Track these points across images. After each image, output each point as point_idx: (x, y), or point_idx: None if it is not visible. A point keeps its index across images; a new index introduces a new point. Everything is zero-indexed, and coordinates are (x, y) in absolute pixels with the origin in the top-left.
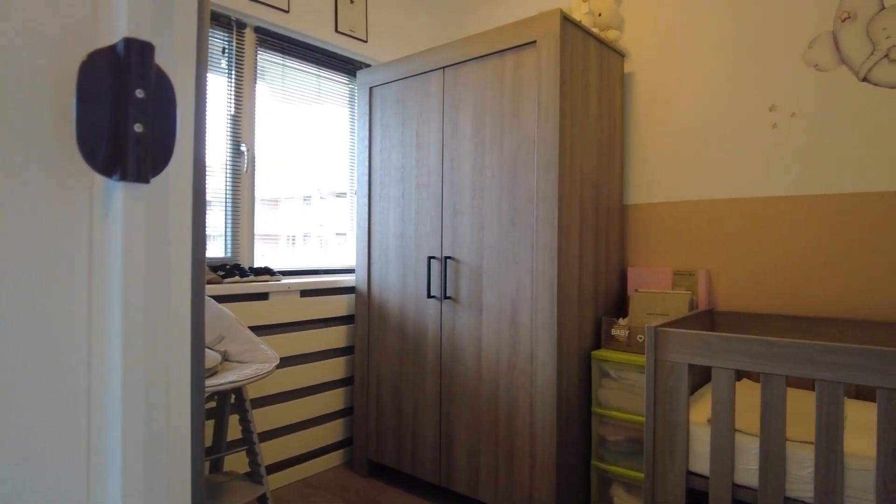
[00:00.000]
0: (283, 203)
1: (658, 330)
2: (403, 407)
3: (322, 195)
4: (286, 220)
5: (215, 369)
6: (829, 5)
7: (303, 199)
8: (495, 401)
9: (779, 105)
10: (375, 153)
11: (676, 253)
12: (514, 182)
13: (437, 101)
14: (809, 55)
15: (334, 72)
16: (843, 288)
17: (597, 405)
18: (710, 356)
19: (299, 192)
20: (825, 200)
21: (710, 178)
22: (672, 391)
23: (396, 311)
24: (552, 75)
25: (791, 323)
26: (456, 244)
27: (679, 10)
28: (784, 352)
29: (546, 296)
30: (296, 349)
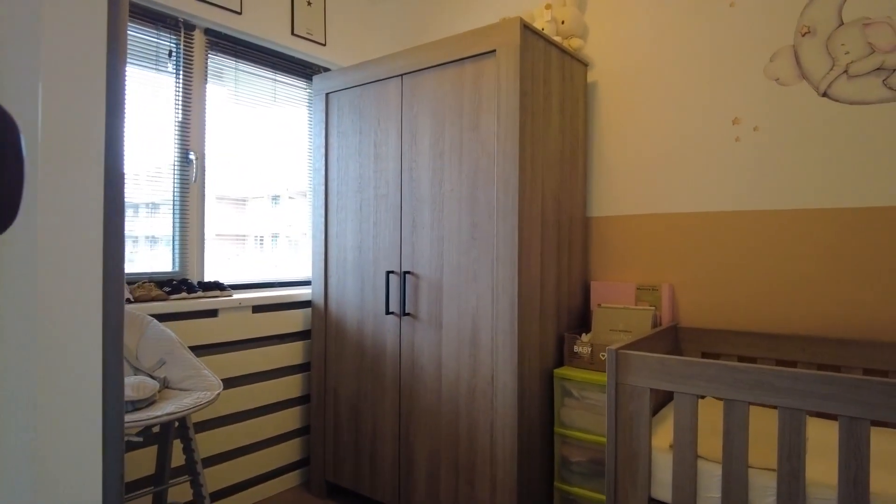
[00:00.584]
0: (245, 204)
1: (619, 352)
2: (362, 427)
3: (291, 195)
4: (247, 222)
5: (153, 398)
6: (789, 19)
7: (272, 199)
8: (455, 422)
9: (742, 118)
10: (332, 161)
11: (640, 267)
12: (473, 196)
13: (396, 110)
14: (771, 69)
15: (291, 76)
16: (805, 304)
17: (559, 425)
18: (672, 381)
19: (258, 193)
20: (788, 215)
21: (673, 191)
22: (634, 415)
23: (354, 326)
24: (512, 86)
25: (754, 340)
26: (415, 259)
27: (643, 20)
28: (746, 377)
29: (506, 314)
30: (248, 367)
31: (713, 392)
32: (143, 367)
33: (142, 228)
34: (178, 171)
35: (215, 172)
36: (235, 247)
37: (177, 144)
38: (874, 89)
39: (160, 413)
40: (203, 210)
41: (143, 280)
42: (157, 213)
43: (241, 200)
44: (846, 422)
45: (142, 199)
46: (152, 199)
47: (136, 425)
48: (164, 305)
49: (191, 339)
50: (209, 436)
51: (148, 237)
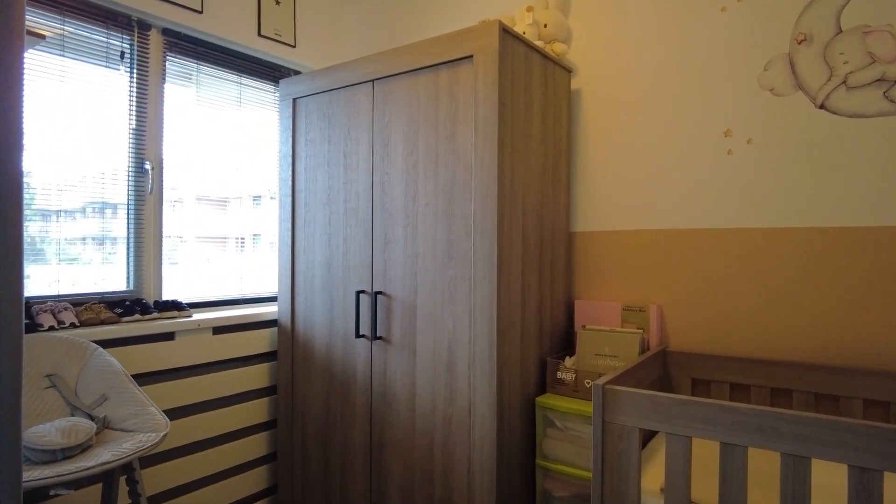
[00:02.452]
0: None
1: (606, 388)
2: (331, 456)
3: (269, 195)
4: (210, 226)
5: (88, 443)
6: (785, 25)
7: (253, 199)
8: (430, 454)
9: (734, 130)
10: (300, 171)
11: (626, 286)
12: (450, 211)
13: (367, 118)
14: (765, 78)
15: (258, 79)
16: (802, 329)
17: (541, 457)
18: (664, 421)
19: (220, 196)
20: (783, 234)
21: (662, 205)
22: (622, 456)
23: (323, 348)
24: (490, 95)
25: (747, 366)
26: (388, 278)
27: (630, 24)
28: (746, 420)
29: (485, 340)
30: (209, 393)
31: (709, 434)
32: (82, 405)
33: (91, 245)
34: (132, 182)
35: (173, 179)
36: (214, 248)
37: (131, 153)
38: (874, 102)
39: (91, 464)
40: (161, 223)
41: (92, 301)
42: (114, 218)
43: (223, 201)
44: (856, 473)
45: (90, 208)
46: (103, 209)
47: (60, 479)
48: (114, 330)
49: (144, 365)
50: (168, 467)
51: (100, 246)
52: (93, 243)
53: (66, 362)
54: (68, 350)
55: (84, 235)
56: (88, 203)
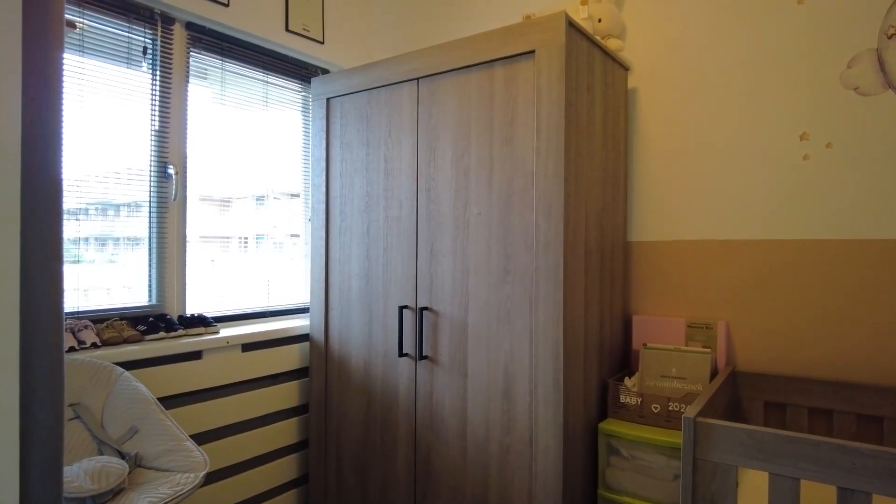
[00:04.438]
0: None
1: (698, 422)
2: (369, 485)
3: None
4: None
5: (121, 486)
6: (873, 18)
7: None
8: (484, 486)
9: (811, 133)
10: (334, 177)
11: (689, 300)
12: (507, 222)
13: (410, 119)
14: (849, 76)
15: (285, 77)
16: (886, 348)
17: (604, 488)
18: (768, 459)
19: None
20: (864, 245)
21: (729, 214)
22: (716, 497)
23: (361, 366)
24: (555, 94)
25: (828, 389)
26: (434, 293)
27: (692, 18)
28: (872, 464)
29: (549, 364)
30: (237, 415)
31: (822, 478)
32: (110, 440)
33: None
34: (154, 188)
35: (197, 181)
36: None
37: (153, 156)
38: None
39: None
40: (184, 234)
41: (113, 317)
42: (132, 244)
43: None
44: None
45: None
46: (126, 215)
47: None
48: (138, 350)
49: (170, 387)
50: (195, 497)
51: (118, 256)
52: (105, 248)
53: (90, 389)
54: (92, 375)
55: (100, 237)
56: (103, 204)
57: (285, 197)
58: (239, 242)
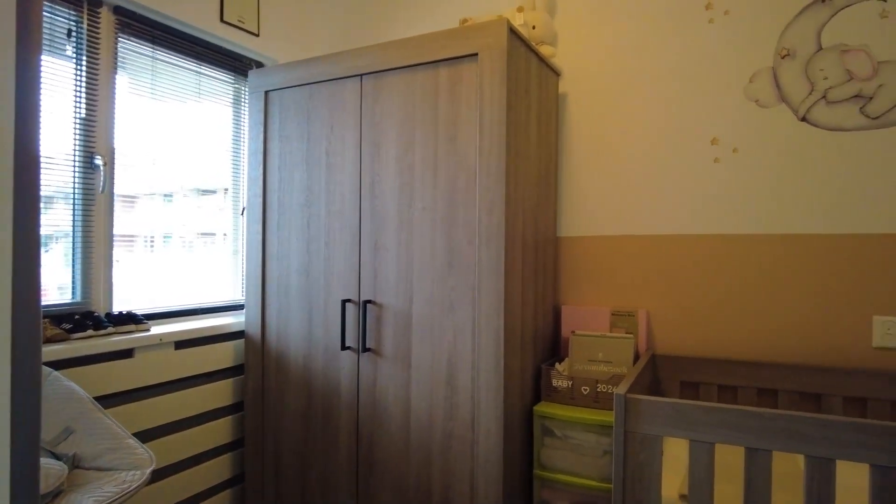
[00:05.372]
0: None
1: (628, 398)
2: (310, 480)
3: (205, 189)
4: (147, 220)
5: (59, 488)
6: (769, 40)
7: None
8: (427, 472)
9: (721, 139)
10: (272, 171)
11: (613, 291)
12: (451, 217)
13: (354, 115)
14: (751, 89)
15: (218, 68)
16: (785, 331)
17: (539, 467)
18: (689, 428)
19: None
20: (766, 240)
21: (649, 211)
22: (643, 466)
23: (300, 362)
24: (498, 96)
25: (733, 368)
26: (378, 286)
27: (617, 30)
28: (772, 424)
29: (491, 352)
30: (170, 415)
31: (734, 440)
32: (42, 442)
33: None
34: (79, 180)
35: (125, 175)
36: (125, 251)
37: (78, 146)
38: (852, 116)
39: None
40: (111, 225)
41: None
42: (53, 209)
43: (130, 198)
44: (878, 472)
45: None
46: (45, 207)
47: None
48: (64, 349)
49: (101, 387)
50: None
51: None
52: None
53: None
54: None
55: None
56: None
57: (215, 192)
58: (161, 239)
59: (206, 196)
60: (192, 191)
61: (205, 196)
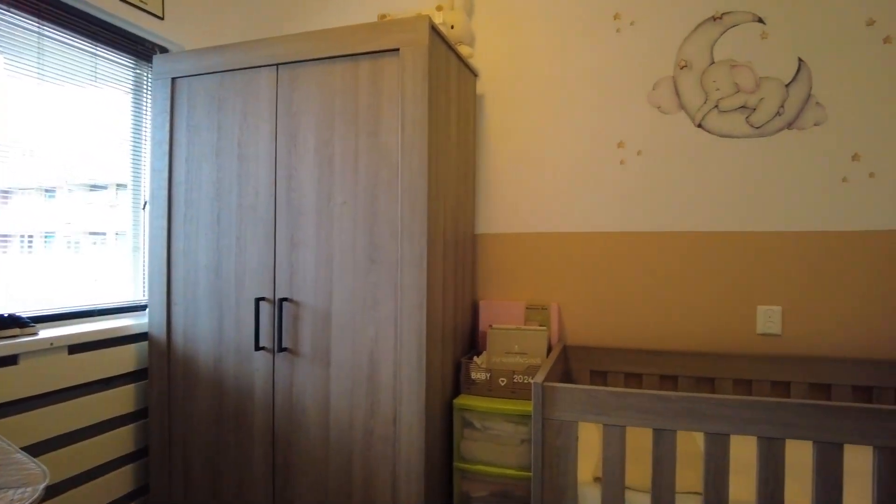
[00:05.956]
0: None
1: (545, 386)
2: (222, 487)
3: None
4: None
5: None
6: (670, 52)
7: (45, 192)
8: (348, 472)
9: (626, 142)
10: (179, 161)
11: (527, 286)
12: (372, 212)
13: (269, 106)
14: (654, 96)
15: (117, 50)
16: (683, 321)
17: (459, 459)
18: (602, 413)
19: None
20: (668, 237)
21: (560, 210)
22: (560, 451)
23: (210, 364)
24: (419, 91)
25: (638, 356)
26: (295, 283)
27: (531, 35)
28: (676, 406)
29: (413, 346)
30: (64, 426)
31: (643, 422)
32: None
33: None
34: None
35: None
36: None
37: None
38: (739, 125)
39: None
40: None
41: None
42: None
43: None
44: (765, 443)
45: None
46: None
47: None
48: None
49: None
50: None
51: None
52: None
53: None
54: None
55: None
56: None
57: (106, 187)
58: (41, 238)
59: (97, 192)
60: (79, 186)
61: (95, 192)
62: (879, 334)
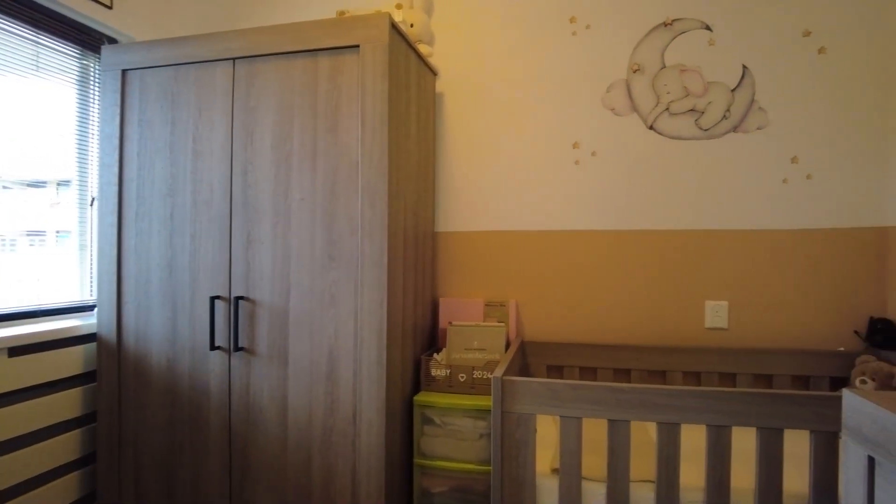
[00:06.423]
0: None
1: (504, 380)
2: (176, 490)
3: (6, 184)
4: None
5: None
6: (623, 55)
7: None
8: (307, 471)
9: (581, 143)
10: (130, 157)
11: (486, 283)
12: (331, 209)
13: (225, 100)
14: (608, 99)
15: (61, 39)
16: (636, 316)
17: (419, 456)
18: (559, 405)
19: None
20: (620, 235)
21: (518, 209)
22: (519, 443)
23: (163, 365)
24: (379, 89)
25: (594, 351)
26: (251, 281)
27: (490, 35)
28: (630, 397)
29: (373, 344)
30: (5, 432)
31: (598, 414)
32: None
33: None
34: None
35: None
36: None
37: None
38: (688, 127)
39: None
40: None
41: None
42: None
43: None
44: (713, 430)
45: None
46: None
47: None
48: None
49: None
50: None
51: None
52: None
53: None
54: None
55: None
56: None
57: (45, 184)
58: None
59: (37, 188)
60: (16, 182)
61: (35, 188)
62: (815, 327)
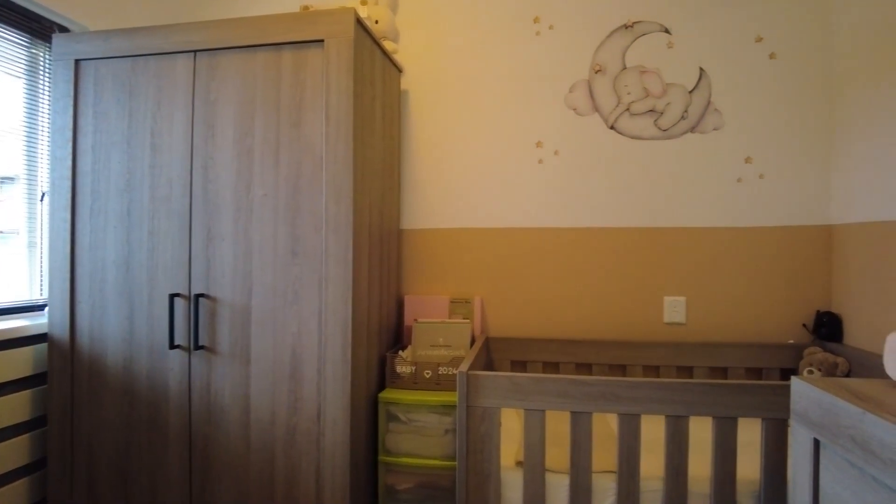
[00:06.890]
0: None
1: (469, 375)
2: (133, 493)
3: None
4: None
5: None
6: (585, 56)
7: None
8: (270, 471)
9: (544, 142)
10: (84, 150)
11: (451, 280)
12: (295, 204)
13: (185, 93)
14: (570, 98)
15: (6, 26)
16: (596, 312)
17: (384, 453)
18: (523, 398)
19: None
20: (582, 233)
21: (482, 206)
22: (484, 437)
23: (120, 365)
24: (344, 84)
25: (556, 346)
26: (212, 278)
27: (454, 33)
28: (592, 390)
29: (338, 341)
30: None
31: (561, 406)
32: None
33: None
34: None
35: None
36: None
37: None
38: (648, 127)
39: None
40: None
41: None
42: None
43: None
44: (672, 420)
45: None
46: None
47: None
48: None
49: None
50: None
51: None
52: None
53: None
54: None
55: None
56: None
57: None
58: None
59: None
60: None
61: None
62: (767, 320)
